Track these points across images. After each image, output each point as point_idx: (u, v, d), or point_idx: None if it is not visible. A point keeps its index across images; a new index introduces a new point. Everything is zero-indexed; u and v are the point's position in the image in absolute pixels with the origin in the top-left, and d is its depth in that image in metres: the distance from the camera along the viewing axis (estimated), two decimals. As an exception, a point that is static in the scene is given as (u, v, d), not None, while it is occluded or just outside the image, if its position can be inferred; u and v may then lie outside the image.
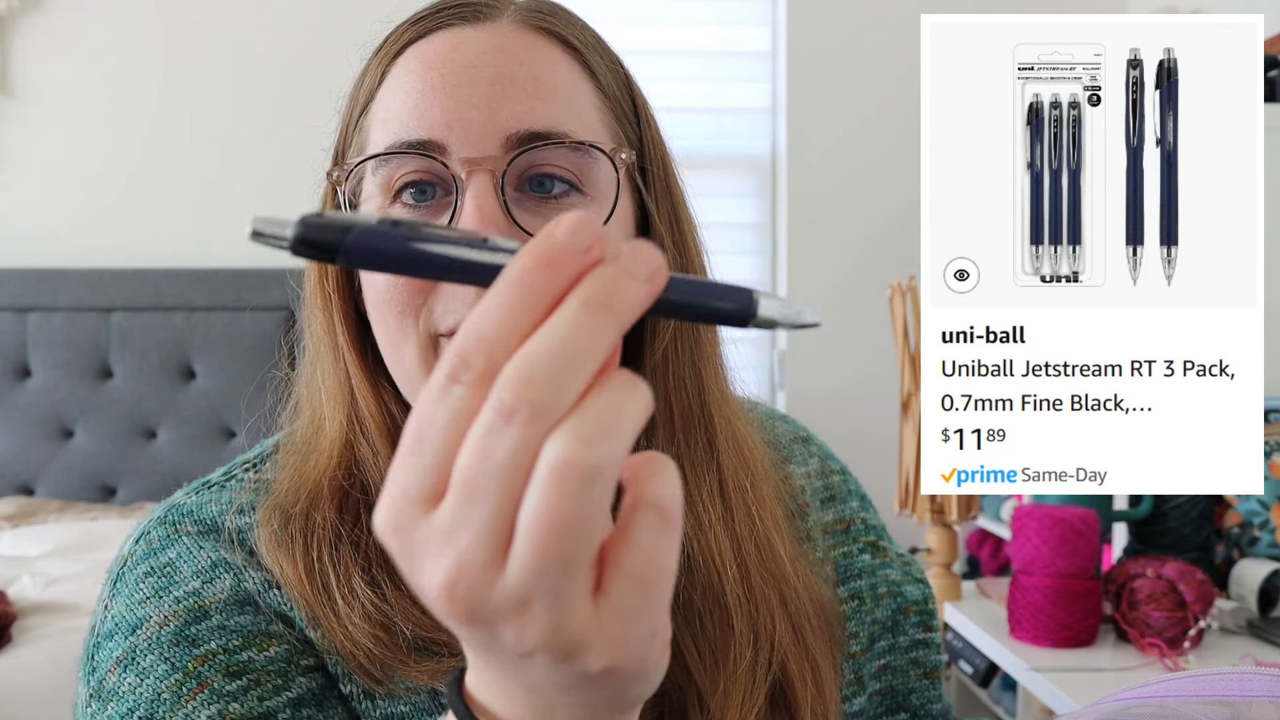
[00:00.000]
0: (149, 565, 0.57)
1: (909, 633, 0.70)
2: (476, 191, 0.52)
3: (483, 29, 0.55)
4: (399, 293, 0.54)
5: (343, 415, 0.59)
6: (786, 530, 0.63)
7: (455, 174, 0.53)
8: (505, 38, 0.55)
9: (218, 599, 0.55)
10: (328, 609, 0.54)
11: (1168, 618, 1.37)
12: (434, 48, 0.55)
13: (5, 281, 2.69)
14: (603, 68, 0.58)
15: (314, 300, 0.60)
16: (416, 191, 0.54)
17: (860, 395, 2.70)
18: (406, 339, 0.55)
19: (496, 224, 0.52)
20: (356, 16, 0.60)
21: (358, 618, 0.54)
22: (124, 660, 0.54)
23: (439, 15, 0.57)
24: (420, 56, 0.55)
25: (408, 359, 0.55)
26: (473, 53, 0.54)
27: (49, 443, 2.70)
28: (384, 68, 0.57)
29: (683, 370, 0.59)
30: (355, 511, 0.57)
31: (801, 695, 0.59)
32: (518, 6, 0.58)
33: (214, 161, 2.77)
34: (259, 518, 0.58)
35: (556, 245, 0.30)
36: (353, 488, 0.58)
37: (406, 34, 0.57)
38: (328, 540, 0.56)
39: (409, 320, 0.54)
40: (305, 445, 0.60)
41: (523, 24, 0.56)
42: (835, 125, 2.82)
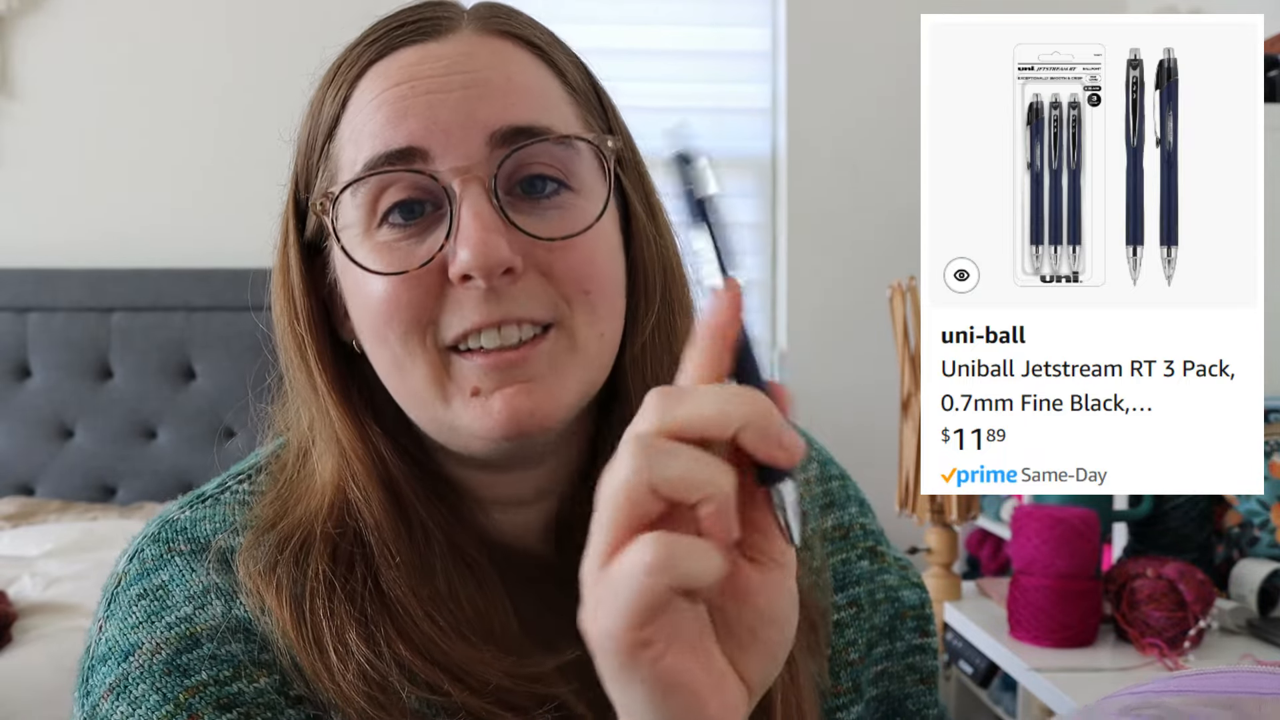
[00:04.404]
0: (142, 587, 0.56)
1: (906, 638, 0.70)
2: (473, 201, 0.51)
3: (445, 41, 0.55)
4: (404, 311, 0.52)
5: (332, 461, 0.57)
6: None
7: (447, 186, 0.52)
8: (469, 45, 0.55)
9: (209, 626, 0.54)
10: (319, 663, 0.52)
11: (1168, 618, 1.37)
12: (397, 64, 0.54)
13: (5, 281, 2.69)
14: (567, 64, 0.58)
15: (286, 342, 0.59)
16: (404, 211, 0.53)
17: (860, 395, 2.69)
18: (414, 359, 0.53)
19: (498, 231, 0.51)
20: (357, 17, 0.59)
21: (352, 675, 0.52)
22: (116, 688, 0.53)
23: (396, 33, 0.55)
24: (384, 74, 0.54)
25: (416, 381, 0.54)
26: (441, 64, 0.53)
27: (49, 443, 2.70)
28: (345, 91, 0.55)
29: (661, 358, 0.59)
30: (349, 561, 0.55)
31: (775, 692, 0.58)
32: (473, 14, 0.57)
33: (214, 161, 2.77)
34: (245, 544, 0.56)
35: None
36: (344, 537, 0.55)
37: (364, 55, 0.55)
38: (320, 593, 0.54)
39: (414, 339, 0.53)
40: (293, 478, 0.59)
41: (483, 30, 0.56)
42: (835, 125, 2.81)
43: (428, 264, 0.52)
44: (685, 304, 0.61)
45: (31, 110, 2.77)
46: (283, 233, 0.59)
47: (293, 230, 0.58)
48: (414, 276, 0.52)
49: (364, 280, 0.54)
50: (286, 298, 0.58)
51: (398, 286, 0.52)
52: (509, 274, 0.52)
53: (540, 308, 0.53)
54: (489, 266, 0.50)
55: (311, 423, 0.58)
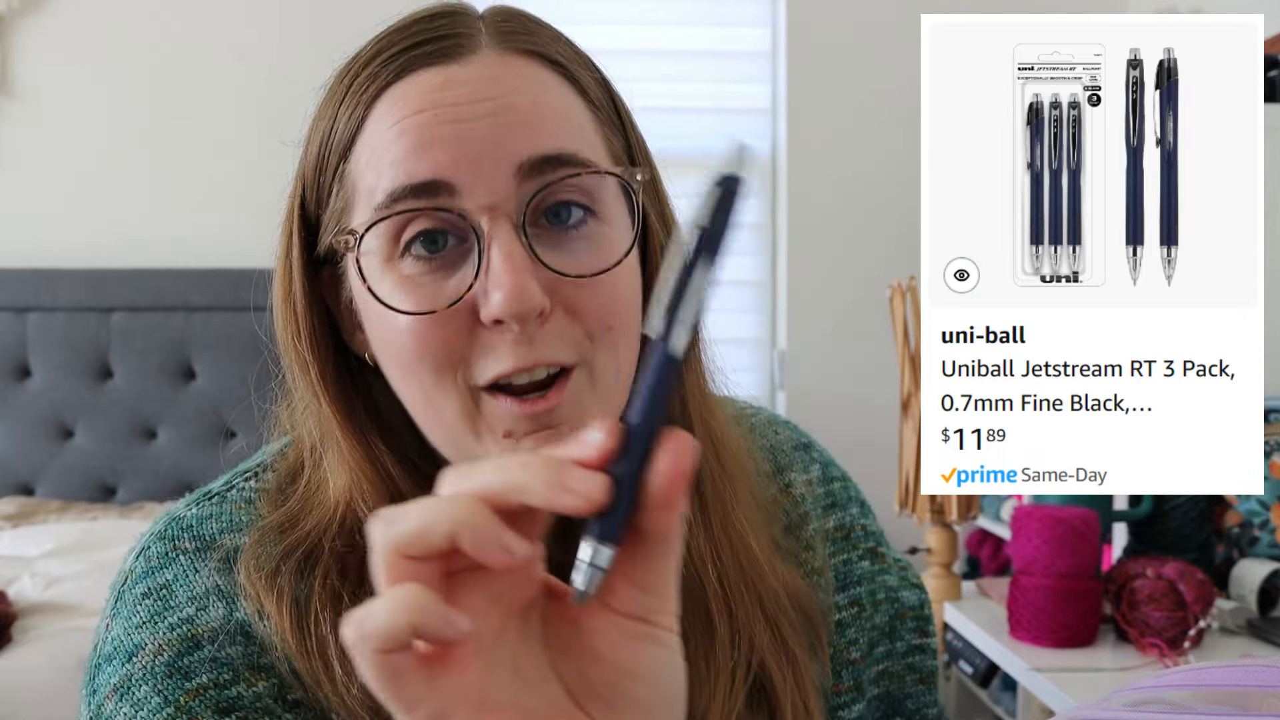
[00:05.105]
0: (146, 585, 0.57)
1: (905, 638, 0.70)
2: (503, 241, 0.51)
3: (466, 64, 0.53)
4: (435, 351, 0.52)
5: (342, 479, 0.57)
6: (763, 528, 0.63)
7: (475, 225, 0.51)
8: (492, 68, 0.53)
9: (210, 628, 0.54)
10: (322, 674, 0.53)
11: (1168, 618, 1.37)
12: (417, 89, 0.53)
13: (5, 281, 2.69)
14: (587, 78, 0.57)
15: (289, 356, 0.58)
16: (427, 241, 0.52)
17: (860, 395, 2.69)
18: (446, 396, 0.53)
19: (529, 272, 0.50)
20: (356, 18, 0.59)
21: (357, 690, 0.52)
22: (120, 689, 0.54)
23: (412, 55, 0.53)
24: (403, 98, 0.53)
25: (449, 415, 0.53)
26: (464, 90, 0.52)
27: (49, 443, 2.70)
28: (362, 111, 0.54)
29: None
30: (359, 575, 0.54)
31: (781, 689, 0.59)
32: (491, 30, 0.55)
33: (215, 161, 2.77)
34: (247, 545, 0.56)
35: None
36: (353, 552, 0.55)
37: (382, 74, 0.54)
38: (327, 604, 0.54)
39: (447, 377, 0.52)
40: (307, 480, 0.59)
41: (504, 49, 0.54)
42: (835, 125, 2.81)
43: (456, 304, 0.52)
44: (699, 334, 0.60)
45: (31, 110, 2.77)
46: (284, 244, 0.58)
47: (297, 244, 0.57)
48: (442, 316, 0.52)
49: (390, 316, 0.53)
50: (288, 314, 0.57)
51: (428, 328, 0.52)
52: (540, 316, 0.51)
53: (567, 350, 0.53)
54: (524, 313, 0.50)
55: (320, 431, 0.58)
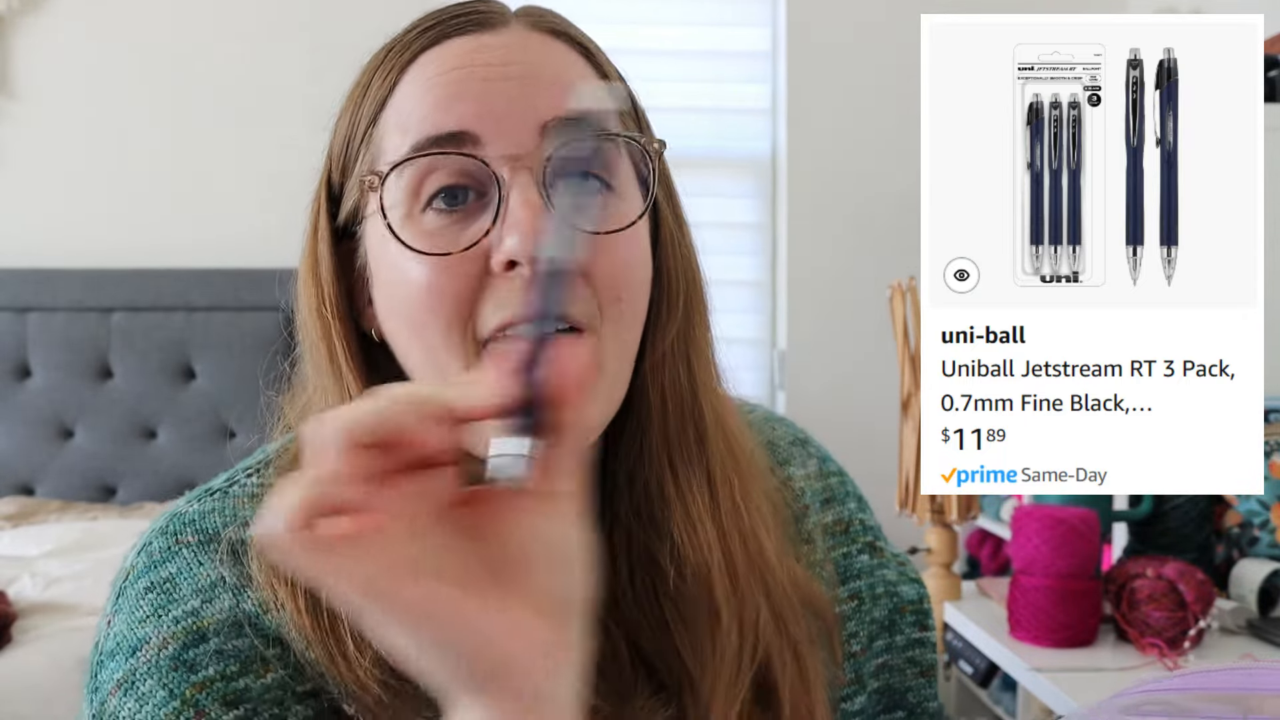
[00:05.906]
0: (149, 580, 0.56)
1: (905, 632, 0.70)
2: (523, 189, 0.51)
3: (499, 34, 0.56)
4: (447, 301, 0.52)
5: None
6: (772, 523, 0.63)
7: (497, 173, 0.52)
8: (523, 39, 0.56)
9: (216, 620, 0.54)
10: (336, 651, 0.53)
11: (1168, 618, 1.37)
12: (452, 51, 0.55)
13: (5, 281, 2.69)
14: (612, 70, 0.60)
15: (312, 327, 0.59)
16: (448, 196, 0.53)
17: (860, 395, 2.69)
18: (452, 354, 0.53)
19: (544, 217, 0.51)
20: (357, 19, 0.59)
21: (369, 663, 0.52)
22: (124, 684, 0.53)
23: (450, 23, 0.56)
24: (438, 60, 0.55)
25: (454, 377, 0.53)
26: (495, 54, 0.54)
27: (49, 443, 2.70)
28: (395, 76, 0.56)
29: (678, 367, 0.59)
30: None
31: (782, 682, 0.59)
32: (523, 13, 0.58)
33: (215, 161, 2.77)
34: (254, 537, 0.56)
35: None
36: None
37: (416, 42, 0.56)
38: None
39: (455, 332, 0.53)
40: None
41: (534, 28, 0.57)
42: (835, 125, 2.82)
43: (471, 248, 0.52)
44: (704, 315, 0.61)
45: (31, 110, 2.77)
46: (313, 217, 0.59)
47: (324, 215, 0.58)
48: (456, 261, 0.52)
49: (404, 266, 0.54)
50: (315, 282, 0.58)
51: (440, 276, 0.52)
52: None
53: (578, 307, 0.53)
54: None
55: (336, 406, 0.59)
